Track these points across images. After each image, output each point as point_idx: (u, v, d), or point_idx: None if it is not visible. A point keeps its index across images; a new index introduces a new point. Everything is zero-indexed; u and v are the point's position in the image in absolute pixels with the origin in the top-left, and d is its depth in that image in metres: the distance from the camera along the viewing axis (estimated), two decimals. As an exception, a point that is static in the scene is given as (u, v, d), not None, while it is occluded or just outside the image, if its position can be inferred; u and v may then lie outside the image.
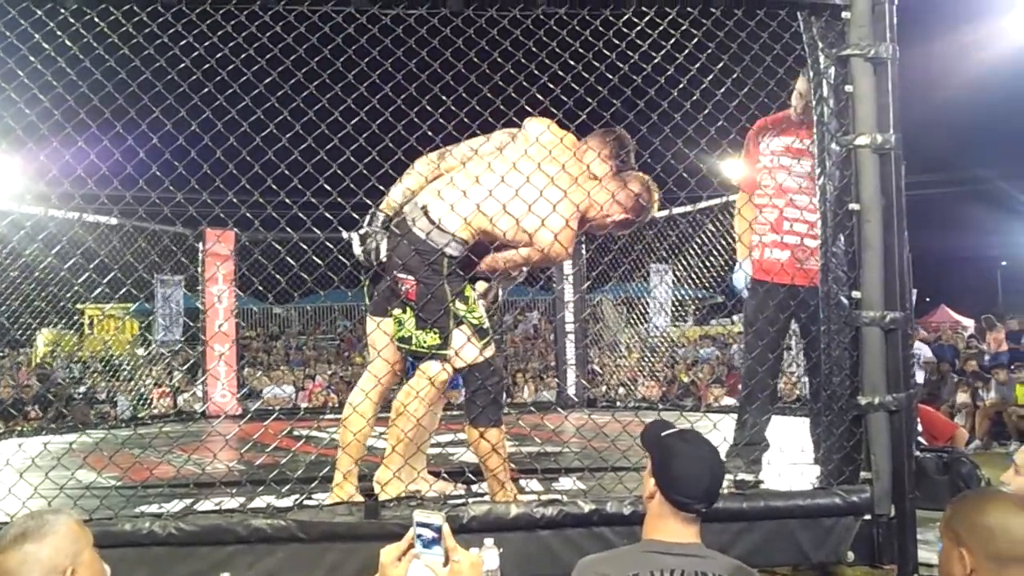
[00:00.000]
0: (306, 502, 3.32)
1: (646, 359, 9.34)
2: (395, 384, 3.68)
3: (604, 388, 9.13)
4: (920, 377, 9.67)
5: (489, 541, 2.73)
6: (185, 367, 9.15)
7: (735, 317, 13.38)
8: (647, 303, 9.21)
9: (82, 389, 9.65)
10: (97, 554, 1.88)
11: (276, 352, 15.53)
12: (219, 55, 3.11)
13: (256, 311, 17.22)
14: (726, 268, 7.73)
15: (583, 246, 8.06)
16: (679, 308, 9.49)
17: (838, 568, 5.00)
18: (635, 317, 9.36)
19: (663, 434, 2.20)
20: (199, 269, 8.06)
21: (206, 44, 3.09)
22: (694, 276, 8.43)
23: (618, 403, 8.22)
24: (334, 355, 15.04)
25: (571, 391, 8.37)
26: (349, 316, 18.35)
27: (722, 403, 8.41)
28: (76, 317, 8.91)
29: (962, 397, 10.73)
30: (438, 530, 1.97)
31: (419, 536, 1.98)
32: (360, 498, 3.37)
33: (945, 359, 12.00)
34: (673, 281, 8.89)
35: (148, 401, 8.51)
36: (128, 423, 7.38)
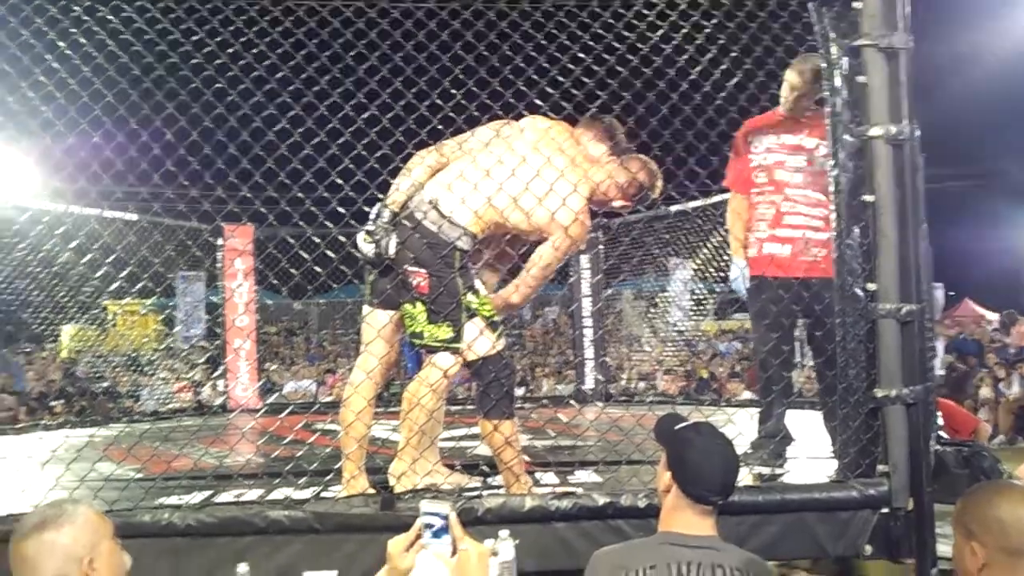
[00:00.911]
0: (323, 494, 3.35)
1: (664, 353, 9.31)
2: (394, 367, 3.69)
3: (623, 382, 9.11)
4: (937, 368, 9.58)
5: (504, 533, 2.73)
6: (204, 362, 9.22)
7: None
8: (665, 297, 9.19)
9: (104, 384, 9.75)
10: (118, 545, 1.89)
11: (296, 347, 15.61)
12: (231, 50, 3.14)
13: (271, 304, 17.19)
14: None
15: (599, 237, 8.03)
16: (698, 303, 9.45)
17: (857, 561, 4.98)
18: (653, 311, 9.34)
19: (677, 427, 2.20)
20: (218, 264, 8.13)
21: (218, 40, 3.12)
22: (713, 270, 8.40)
23: (635, 397, 8.20)
24: (354, 350, 15.08)
25: (588, 385, 8.35)
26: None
27: (741, 397, 8.36)
28: (99, 312, 9.00)
29: (985, 391, 10.62)
30: (445, 519, 1.98)
31: (427, 526, 1.99)
32: (373, 491, 3.40)
33: (969, 353, 11.87)
34: (692, 276, 8.86)
35: (170, 396, 8.59)
36: (149, 417, 7.45)
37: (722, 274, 8.22)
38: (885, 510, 3.18)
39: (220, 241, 8.00)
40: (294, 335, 17.29)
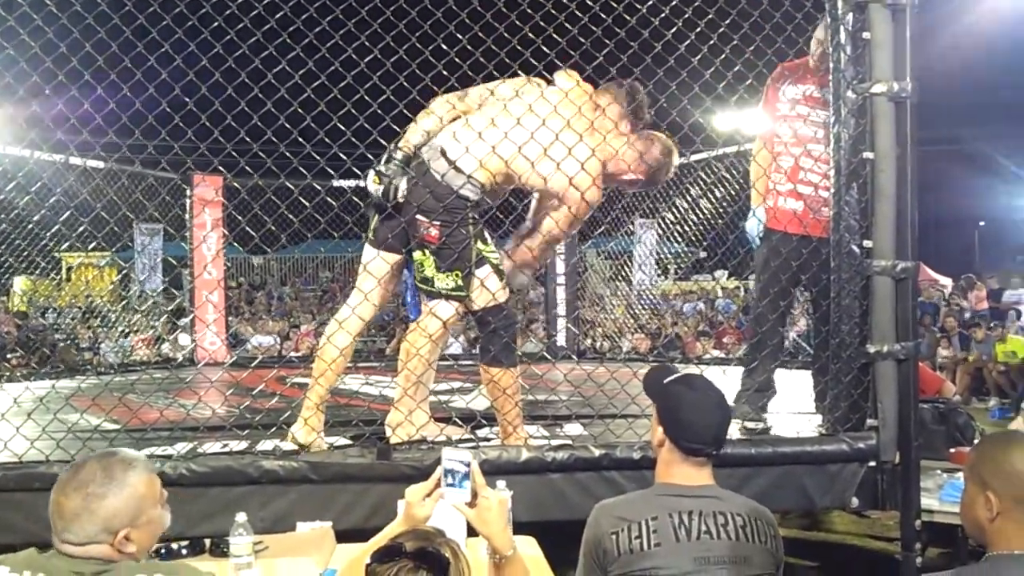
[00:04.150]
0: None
1: (631, 312, 9.34)
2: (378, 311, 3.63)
3: (590, 340, 9.13)
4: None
5: (501, 483, 2.72)
6: (168, 314, 9.01)
7: (717, 273, 13.39)
8: (632, 257, 9.20)
9: (59, 336, 9.49)
10: (160, 508, 1.82)
11: (258, 302, 15.39)
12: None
13: (229, 264, 16.88)
14: (710, 223, 7.71)
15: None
16: (662, 263, 9.47)
17: (825, 515, 5.09)
18: (620, 271, 9.35)
19: (667, 381, 2.15)
20: (187, 215, 7.91)
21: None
22: (678, 231, 8.40)
23: (607, 355, 8.23)
24: (317, 306, 14.91)
25: (560, 341, 8.36)
26: (330, 267, 18.17)
27: (710, 355, 8.44)
28: (54, 264, 8.74)
29: (944, 353, 10.91)
30: (467, 466, 1.94)
31: (448, 471, 1.94)
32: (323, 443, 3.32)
33: (927, 315, 12.13)
34: (657, 236, 8.87)
35: (131, 349, 8.39)
36: (115, 369, 7.28)
37: (688, 233, 8.23)
38: (872, 463, 3.23)
39: (188, 190, 7.78)
40: (256, 290, 17.04)
